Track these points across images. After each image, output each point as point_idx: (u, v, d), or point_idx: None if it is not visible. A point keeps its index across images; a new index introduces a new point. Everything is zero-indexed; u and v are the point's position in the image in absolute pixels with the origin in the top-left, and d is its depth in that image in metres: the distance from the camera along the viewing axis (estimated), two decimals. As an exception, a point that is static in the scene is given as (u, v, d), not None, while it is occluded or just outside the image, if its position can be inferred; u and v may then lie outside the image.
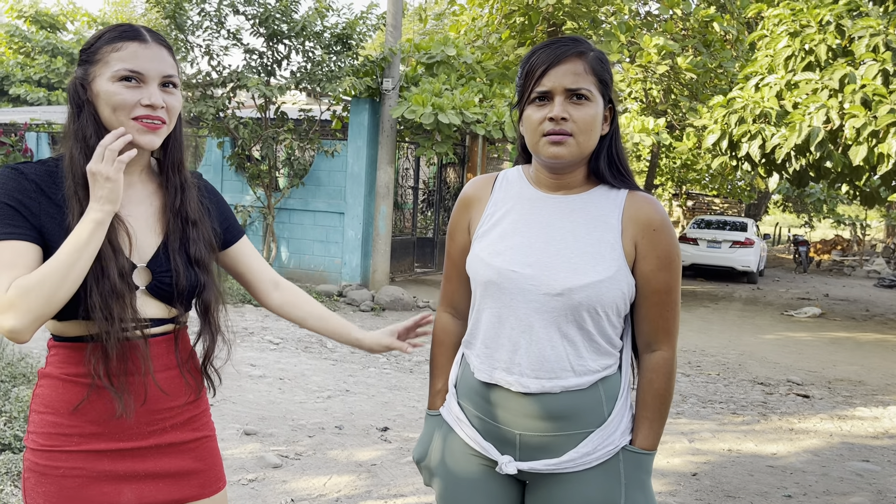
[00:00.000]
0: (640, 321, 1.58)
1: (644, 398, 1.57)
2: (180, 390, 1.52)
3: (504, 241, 1.56)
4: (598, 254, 1.51)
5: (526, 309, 1.52)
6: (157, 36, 1.46)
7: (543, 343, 1.51)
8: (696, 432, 4.85)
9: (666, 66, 10.84)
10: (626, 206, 1.55)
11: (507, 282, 1.53)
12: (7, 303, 1.28)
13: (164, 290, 1.47)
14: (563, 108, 1.47)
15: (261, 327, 7.71)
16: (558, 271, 1.50)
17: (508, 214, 1.59)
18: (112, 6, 25.71)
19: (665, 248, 1.53)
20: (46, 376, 1.45)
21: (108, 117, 1.41)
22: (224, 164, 11.01)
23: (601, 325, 1.53)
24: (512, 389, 1.53)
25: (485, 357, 1.57)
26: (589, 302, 1.49)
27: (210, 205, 1.62)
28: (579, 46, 1.51)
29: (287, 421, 4.57)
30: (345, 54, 9.98)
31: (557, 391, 1.51)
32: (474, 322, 1.62)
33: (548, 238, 1.54)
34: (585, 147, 1.51)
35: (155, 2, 9.45)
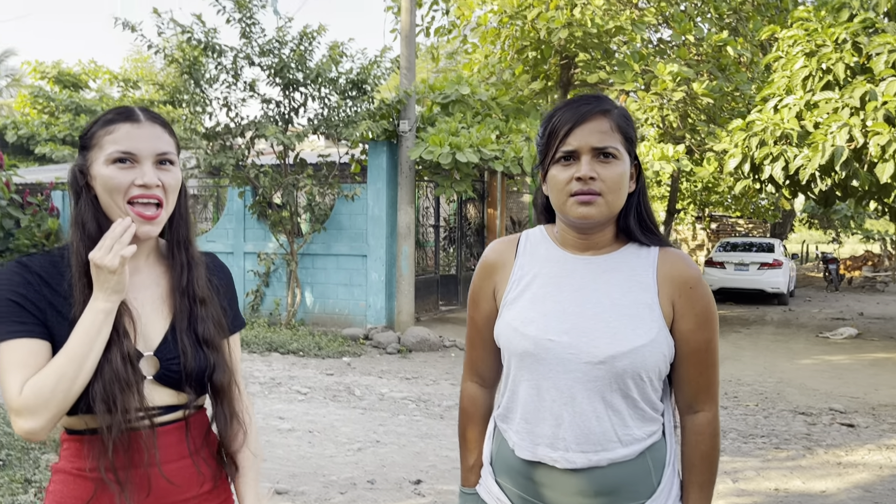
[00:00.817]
0: (681, 382, 1.51)
1: (691, 461, 1.50)
2: (193, 480, 1.46)
3: (536, 307, 1.50)
4: (637, 316, 1.45)
5: (567, 379, 1.45)
6: (151, 115, 1.44)
7: (588, 415, 1.44)
8: (739, 471, 4.68)
9: (682, 92, 10.80)
10: (660, 264, 1.50)
11: (545, 352, 1.46)
12: (23, 405, 1.26)
13: (172, 378, 1.42)
14: (590, 168, 1.42)
15: (288, 376, 7.66)
16: (598, 338, 1.43)
17: (537, 279, 1.53)
18: (132, 63, 26.35)
19: (703, 305, 1.48)
20: (59, 471, 1.41)
21: (105, 201, 1.39)
22: (246, 212, 11.10)
23: (645, 391, 1.46)
24: (557, 466, 1.45)
25: (525, 433, 1.49)
26: (633, 368, 1.42)
27: (220, 284, 1.58)
28: (604, 104, 1.47)
29: (318, 477, 4.48)
30: (360, 99, 10.07)
31: (605, 464, 1.44)
32: (510, 395, 1.54)
33: (582, 302, 1.47)
34: (615, 206, 1.46)
35: (172, 58, 9.62)
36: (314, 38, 9.81)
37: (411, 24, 10.48)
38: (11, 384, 1.28)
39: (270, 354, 8.98)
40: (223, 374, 1.49)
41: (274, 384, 7.24)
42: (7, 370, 1.29)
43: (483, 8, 12.60)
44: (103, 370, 1.33)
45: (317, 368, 8.18)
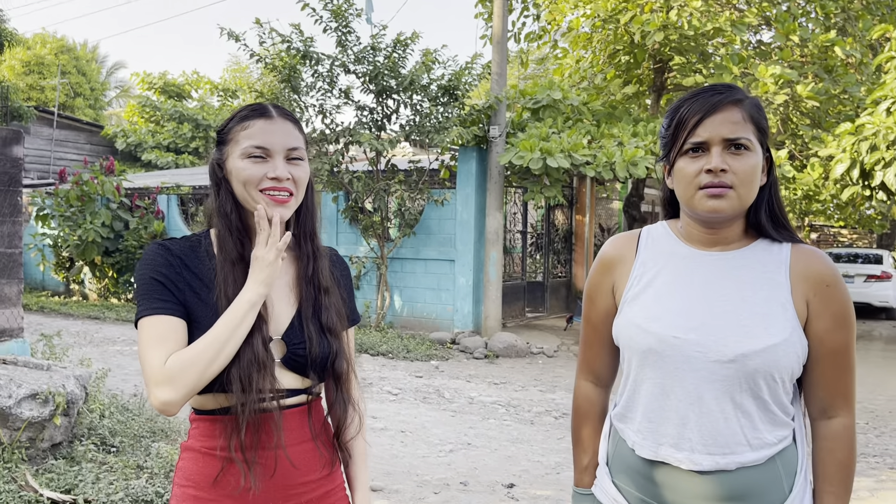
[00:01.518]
0: (815, 386, 1.44)
1: (826, 470, 1.42)
2: (314, 463, 1.50)
3: (661, 304, 1.45)
4: (770, 314, 1.39)
5: (694, 378, 1.39)
6: (283, 111, 1.49)
7: (716, 415, 1.38)
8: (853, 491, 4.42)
9: (785, 95, 10.34)
10: (793, 262, 1.43)
11: (671, 349, 1.41)
12: (165, 376, 1.32)
13: (297, 362, 1.47)
14: (721, 160, 1.37)
15: (378, 377, 7.77)
16: (728, 335, 1.38)
17: (661, 274, 1.48)
18: (231, 73, 27.50)
19: (840, 304, 1.41)
20: (188, 449, 1.47)
21: (240, 193, 1.45)
22: (339, 217, 11.36)
23: (776, 393, 1.40)
24: (682, 468, 1.40)
25: (648, 432, 1.45)
26: (766, 368, 1.36)
27: (340, 277, 1.63)
28: (736, 94, 1.42)
29: (412, 476, 4.52)
30: (451, 105, 10.15)
31: (733, 468, 1.38)
32: (630, 394, 1.50)
33: (710, 299, 1.42)
34: (746, 200, 1.40)
35: (272, 67, 9.97)
36: (407, 46, 9.96)
37: (503, 29, 10.49)
38: (154, 356, 1.34)
39: (360, 356, 9.13)
40: (343, 362, 1.53)
41: (365, 384, 7.36)
42: (149, 344, 1.36)
43: (575, 12, 12.47)
44: (244, 351, 1.38)
45: (406, 370, 8.27)
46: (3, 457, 3.84)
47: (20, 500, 3.40)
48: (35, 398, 3.99)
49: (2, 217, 5.21)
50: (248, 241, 1.47)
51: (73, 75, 29.45)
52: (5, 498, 3.38)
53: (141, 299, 1.41)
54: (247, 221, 1.48)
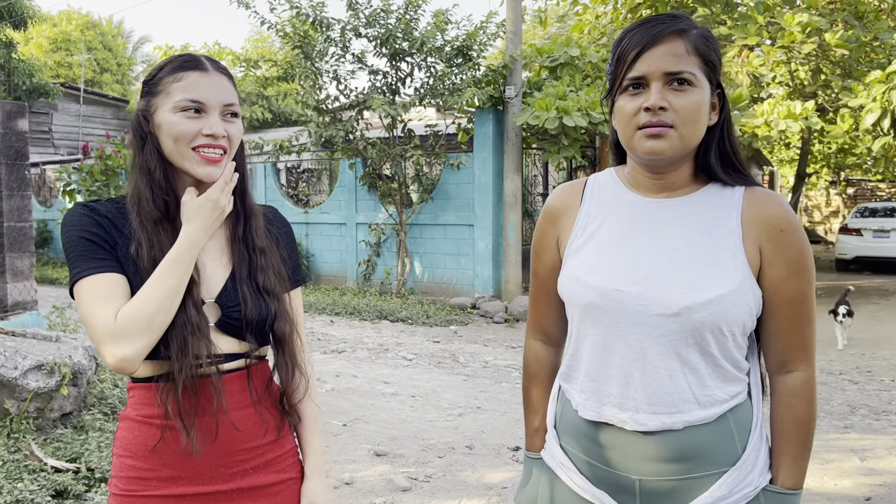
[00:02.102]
0: (771, 338, 1.34)
1: (783, 428, 1.33)
2: (257, 429, 1.44)
3: (603, 255, 1.36)
4: (719, 263, 1.28)
5: (637, 333, 1.30)
6: (217, 65, 1.41)
7: (660, 372, 1.29)
8: (868, 449, 4.30)
9: (812, 44, 9.94)
10: (745, 206, 1.32)
11: (612, 303, 1.31)
12: (118, 330, 1.27)
13: (233, 325, 1.41)
14: (661, 96, 1.26)
15: (396, 343, 7.78)
16: (673, 287, 1.28)
17: (605, 224, 1.39)
18: (252, 43, 27.43)
19: (796, 250, 1.30)
20: (125, 419, 1.43)
21: (169, 148, 1.38)
22: (357, 184, 11.32)
23: (726, 347, 1.30)
24: (626, 428, 1.32)
25: (591, 392, 1.36)
26: (712, 321, 1.26)
27: (279, 235, 1.56)
28: (679, 23, 1.29)
29: (418, 441, 4.51)
30: (466, 66, 9.96)
31: (680, 427, 1.29)
32: (573, 352, 1.41)
33: (655, 249, 1.32)
34: (689, 140, 1.29)
35: (283, 34, 9.87)
36: (419, 7, 9.77)
37: (517, -14, 10.21)
38: (102, 314, 1.29)
39: (380, 322, 9.16)
40: (284, 324, 1.47)
41: (381, 350, 7.37)
42: (93, 303, 1.30)
43: (593, -34, 12.11)
44: (177, 316, 1.33)
45: (424, 336, 8.26)
46: (11, 427, 3.91)
47: (24, 470, 3.46)
48: (40, 369, 4.05)
49: (10, 192, 5.25)
50: (172, 200, 1.40)
51: (99, 51, 29.68)
52: (9, 468, 3.44)
53: (75, 261, 1.35)
54: (172, 179, 1.41)
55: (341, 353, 7.22)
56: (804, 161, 17.73)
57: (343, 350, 7.34)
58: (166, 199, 1.40)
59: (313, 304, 10.00)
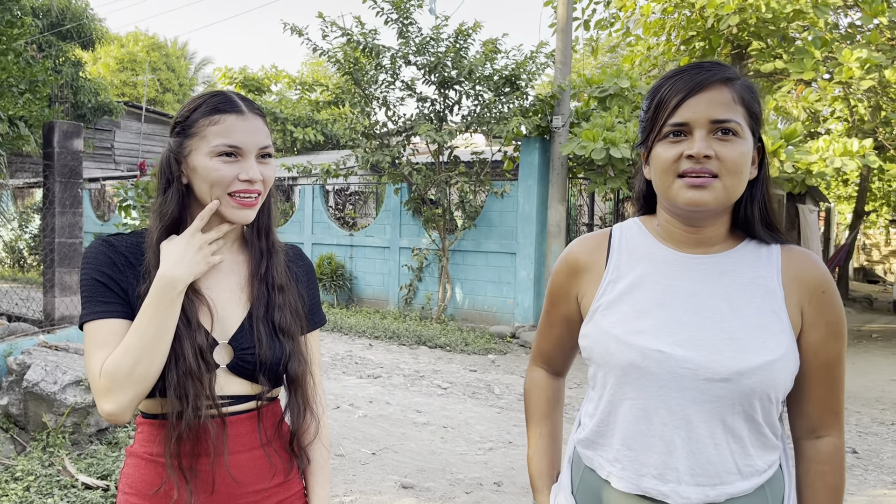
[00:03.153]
0: (805, 402, 1.28)
1: (816, 496, 1.27)
2: (265, 471, 1.42)
3: (640, 314, 1.29)
4: (765, 326, 1.23)
5: (681, 399, 1.23)
6: (252, 106, 1.41)
7: (705, 441, 1.23)
8: None
9: (871, 80, 9.67)
10: (785, 265, 1.28)
11: (656, 365, 1.24)
12: (102, 386, 1.27)
13: (245, 368, 1.40)
14: (706, 144, 1.21)
15: (432, 370, 7.74)
16: (721, 351, 1.22)
17: (639, 280, 1.32)
18: (309, 67, 28.04)
19: (835, 312, 1.26)
20: (132, 455, 1.42)
21: (204, 192, 1.37)
22: (402, 208, 11.39)
23: (770, 414, 1.25)
24: (668, 502, 1.24)
25: (628, 461, 1.28)
26: (762, 387, 1.21)
27: (299, 273, 1.55)
28: (726, 72, 1.25)
29: (446, 474, 4.45)
30: (514, 95, 9.98)
31: (723, 501, 1.23)
32: (604, 416, 1.33)
33: (698, 309, 1.26)
34: (733, 192, 1.24)
35: (334, 60, 10.06)
36: (469, 36, 9.85)
37: (568, 16, 10.23)
38: (93, 365, 1.29)
39: (419, 348, 9.14)
40: (298, 365, 1.45)
41: (417, 377, 7.34)
42: (91, 351, 1.31)
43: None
44: (177, 361, 1.32)
45: (461, 364, 8.21)
46: (47, 441, 4.00)
47: (56, 485, 3.52)
48: (79, 384, 4.14)
49: (63, 208, 5.43)
50: None
51: (162, 71, 30.72)
52: (41, 482, 3.51)
53: (84, 302, 1.36)
54: (188, 223, 1.41)
55: (377, 378, 7.22)
56: (862, 198, 17.21)
57: (379, 375, 7.33)
58: None
59: (354, 327, 10.04)
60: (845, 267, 17.41)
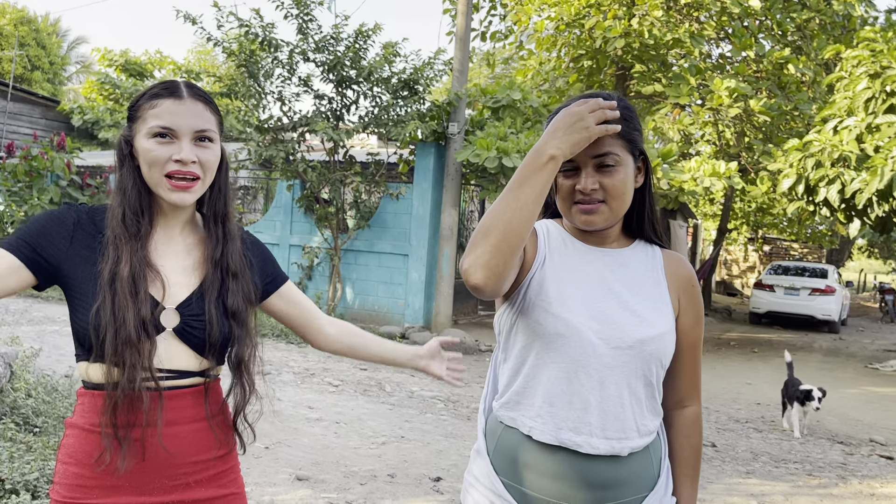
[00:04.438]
0: (676, 376, 1.56)
1: (683, 455, 1.56)
2: (208, 444, 1.49)
3: (564, 292, 1.49)
4: (657, 306, 1.51)
5: (596, 364, 1.45)
6: (195, 91, 1.47)
7: (614, 401, 1.45)
8: (766, 494, 4.56)
9: (738, 108, 10.57)
10: (666, 263, 1.58)
11: (577, 335, 1.45)
12: None
13: (192, 335, 1.45)
14: (592, 180, 1.45)
15: (322, 368, 7.75)
16: (626, 324, 1.46)
17: (560, 265, 1.53)
18: (196, 55, 27.07)
19: (700, 303, 1.59)
20: (72, 426, 1.45)
21: (145, 173, 1.44)
22: (294, 205, 11.28)
23: (660, 381, 1.52)
24: (580, 451, 1.44)
25: (549, 416, 1.46)
26: (658, 353, 1.47)
27: (253, 258, 1.62)
28: None
29: (340, 467, 4.52)
30: (411, 99, 10.15)
31: (626, 454, 1.46)
32: (528, 379, 1.49)
33: (606, 291, 1.50)
34: (619, 211, 1.49)
35: (230, 51, 9.85)
36: (369, 37, 9.93)
37: (466, 26, 10.52)
38: None
39: (307, 346, 9.09)
40: (245, 348, 1.52)
41: (307, 375, 7.33)
42: None
43: (540, 14, 12.56)
44: (118, 329, 1.36)
45: (351, 363, 8.25)
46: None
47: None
48: (-47, 373, 3.90)
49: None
50: (144, 220, 1.46)
51: (32, 48, 28.67)
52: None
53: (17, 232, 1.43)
54: (148, 201, 1.47)
55: (266, 375, 7.15)
56: (726, 217, 18.63)
57: (268, 373, 7.26)
58: (138, 219, 1.45)
59: (240, 324, 9.85)
60: (709, 280, 18.78)
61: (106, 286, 1.38)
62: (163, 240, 1.50)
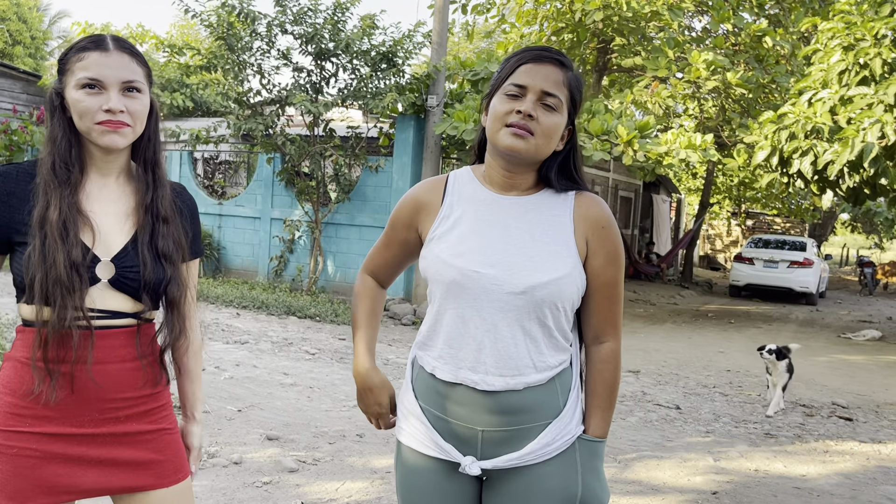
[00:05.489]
0: (590, 314, 1.63)
1: (595, 388, 1.64)
2: (135, 381, 1.57)
3: (463, 242, 1.60)
4: (556, 252, 1.57)
5: (490, 308, 1.55)
6: (120, 43, 1.54)
7: (507, 341, 1.55)
8: (723, 451, 4.73)
9: (715, 81, 10.66)
10: (576, 206, 1.62)
11: (471, 282, 1.56)
12: None
13: (127, 284, 1.54)
14: (533, 106, 1.52)
15: (301, 338, 7.86)
16: (520, 270, 1.54)
17: (465, 216, 1.63)
18: (178, 29, 26.81)
19: (613, 244, 1.61)
20: (9, 359, 1.55)
21: (77, 123, 1.52)
22: (274, 179, 11.31)
23: (559, 321, 1.58)
24: (477, 388, 1.56)
25: (449, 357, 1.59)
26: (550, 298, 1.54)
27: (184, 208, 1.69)
28: (565, 60, 1.57)
29: (310, 428, 4.65)
30: (390, 71, 10.16)
31: (521, 388, 1.56)
32: (433, 324, 1.64)
33: (507, 238, 1.58)
34: (542, 151, 1.56)
35: (209, 24, 9.82)
36: (347, 9, 9.92)
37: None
38: None
39: (288, 318, 9.20)
40: (177, 288, 1.61)
41: (285, 344, 7.45)
42: None
43: (521, -13, 12.56)
44: (48, 270, 1.44)
45: (330, 333, 8.38)
46: None
47: None
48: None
49: None
50: (74, 169, 1.53)
51: (13, 22, 28.29)
52: None
53: None
54: (78, 149, 1.55)
55: (244, 344, 7.26)
56: (707, 191, 18.76)
57: (246, 342, 7.37)
58: (67, 167, 1.53)
59: (221, 297, 9.93)
60: (690, 253, 18.96)
61: (36, 229, 1.47)
62: (96, 188, 1.57)
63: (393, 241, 1.76)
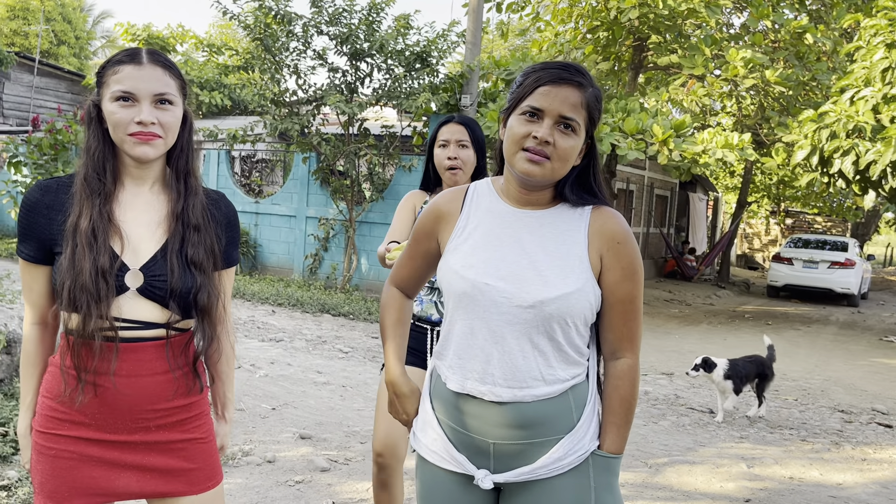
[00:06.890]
0: (606, 330, 1.63)
1: (611, 404, 1.62)
2: (169, 393, 1.60)
3: (476, 254, 1.62)
4: (568, 267, 1.57)
5: (499, 321, 1.57)
6: (156, 57, 1.58)
7: (515, 354, 1.56)
8: (757, 458, 4.67)
9: (754, 79, 10.47)
10: (592, 221, 1.61)
11: (481, 294, 1.58)
12: None
13: (155, 293, 1.57)
14: (549, 132, 1.52)
15: (334, 336, 7.95)
16: (530, 284, 1.55)
17: (479, 228, 1.65)
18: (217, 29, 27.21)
19: (629, 259, 1.60)
20: (52, 364, 1.62)
21: (112, 134, 1.57)
22: (310, 178, 11.45)
23: (570, 336, 1.58)
24: (485, 399, 1.58)
25: (457, 367, 1.62)
26: (559, 313, 1.54)
27: (219, 217, 1.71)
28: (582, 79, 1.56)
29: (342, 427, 4.71)
30: (424, 71, 10.20)
31: (529, 400, 1.56)
32: (446, 333, 1.67)
33: (519, 252, 1.59)
34: (559, 173, 1.57)
35: (246, 25, 9.97)
36: (382, 10, 9.98)
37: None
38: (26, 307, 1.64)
39: (322, 315, 9.31)
40: (207, 296, 1.62)
41: (319, 342, 7.54)
42: (24, 286, 1.62)
43: (556, -15, 12.48)
44: (76, 277, 1.49)
45: (364, 332, 8.45)
46: (-59, 389, 3.99)
47: (-48, 429, 3.55)
48: (-25, 335, 4.12)
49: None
50: (106, 178, 1.58)
51: (58, 22, 28.99)
52: (-63, 425, 3.53)
53: (19, 238, 1.59)
54: (113, 161, 1.60)
55: (279, 342, 7.37)
56: (745, 190, 18.45)
57: (281, 339, 7.48)
58: (100, 177, 1.58)
59: (257, 294, 10.09)
60: (727, 252, 18.68)
61: (69, 238, 1.53)
62: (129, 197, 1.62)
63: (416, 253, 1.78)
